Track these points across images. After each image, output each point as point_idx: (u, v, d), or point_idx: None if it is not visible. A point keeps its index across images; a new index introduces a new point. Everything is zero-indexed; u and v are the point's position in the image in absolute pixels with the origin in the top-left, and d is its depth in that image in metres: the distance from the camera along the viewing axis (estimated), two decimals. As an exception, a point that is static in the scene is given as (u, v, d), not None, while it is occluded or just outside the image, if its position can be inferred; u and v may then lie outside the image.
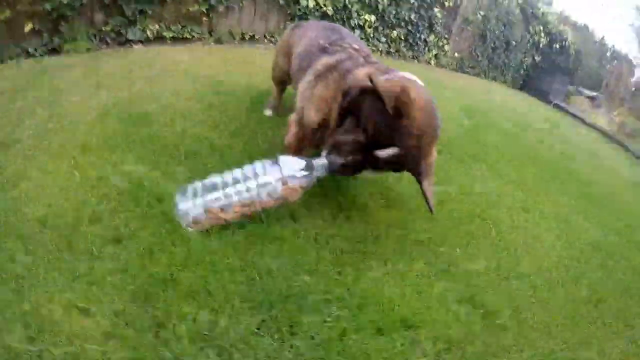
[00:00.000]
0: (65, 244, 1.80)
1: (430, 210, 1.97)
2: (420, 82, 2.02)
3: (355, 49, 2.42)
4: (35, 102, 3.33)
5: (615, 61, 16.21)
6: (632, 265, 2.79)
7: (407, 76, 2.02)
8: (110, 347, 1.41)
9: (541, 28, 12.59)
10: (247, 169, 1.96)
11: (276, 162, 1.94)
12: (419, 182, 1.93)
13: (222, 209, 1.91)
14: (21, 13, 4.90)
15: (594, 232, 3.07)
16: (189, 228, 1.92)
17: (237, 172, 1.96)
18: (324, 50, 2.44)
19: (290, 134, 2.36)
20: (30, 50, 5.00)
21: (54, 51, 5.15)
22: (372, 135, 1.88)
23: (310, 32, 2.77)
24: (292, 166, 1.93)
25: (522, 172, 3.72)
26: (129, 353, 1.41)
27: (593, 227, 3.15)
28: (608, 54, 16.70)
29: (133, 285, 1.64)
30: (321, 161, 1.96)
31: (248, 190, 1.89)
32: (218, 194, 1.90)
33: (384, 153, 1.86)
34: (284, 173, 1.90)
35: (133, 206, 2.06)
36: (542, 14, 12.55)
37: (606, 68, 16.21)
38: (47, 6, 4.95)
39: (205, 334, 1.51)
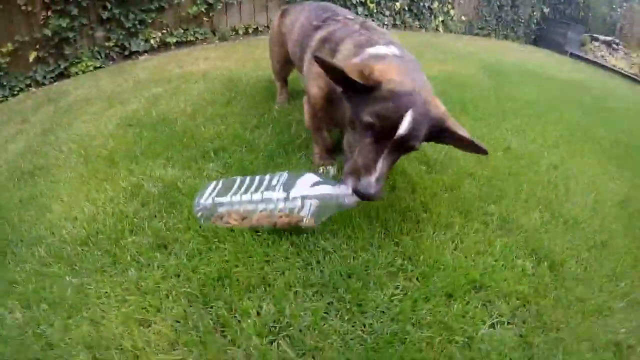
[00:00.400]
0: (111, 259, 1.74)
1: (484, 151, 1.76)
2: (394, 50, 1.88)
3: (348, 19, 2.33)
4: (53, 126, 3.32)
5: (625, 3, 15.83)
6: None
7: (378, 51, 1.87)
8: (178, 355, 1.34)
9: None
10: (270, 179, 1.85)
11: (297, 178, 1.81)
12: (453, 134, 1.74)
13: (231, 214, 1.84)
14: (24, 43, 4.90)
15: (622, 189, 2.82)
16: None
17: (259, 181, 1.87)
18: (317, 28, 2.33)
19: (306, 115, 2.29)
20: (39, 78, 5.02)
21: (62, 75, 5.16)
22: (380, 128, 1.62)
23: (302, 16, 2.65)
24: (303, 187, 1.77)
25: (545, 131, 3.52)
26: (198, 358, 1.34)
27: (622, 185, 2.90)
28: None
29: (188, 288, 1.57)
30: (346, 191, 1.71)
31: (266, 201, 1.78)
32: (232, 198, 1.83)
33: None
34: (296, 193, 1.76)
35: (171, 209, 1.99)
36: None
37: (618, 12, 15.86)
38: (47, 32, 4.95)
39: (272, 326, 1.43)
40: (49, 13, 5.02)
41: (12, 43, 4.86)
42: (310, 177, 1.78)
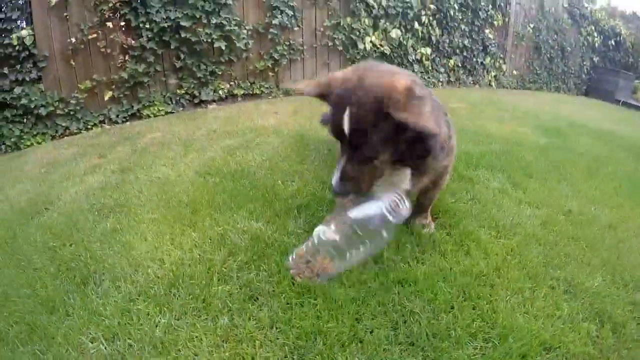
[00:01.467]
0: (201, 304, 1.75)
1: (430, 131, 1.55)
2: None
3: None
4: (131, 166, 3.43)
5: None
6: None
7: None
8: None
9: (593, 28, 12.47)
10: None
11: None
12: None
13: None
14: (100, 83, 5.17)
15: None
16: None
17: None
18: None
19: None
20: (112, 116, 5.24)
21: (134, 116, 5.37)
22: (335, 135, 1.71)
23: None
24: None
25: (601, 188, 3.55)
26: None
27: None
28: None
29: (284, 339, 1.58)
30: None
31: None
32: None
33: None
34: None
35: (259, 262, 2.01)
36: (591, 12, 12.41)
37: None
38: (124, 75, 5.21)
39: None
40: (127, 57, 5.32)
41: (90, 81, 5.13)
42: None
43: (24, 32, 4.67)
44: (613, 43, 13.34)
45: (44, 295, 1.87)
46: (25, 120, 4.79)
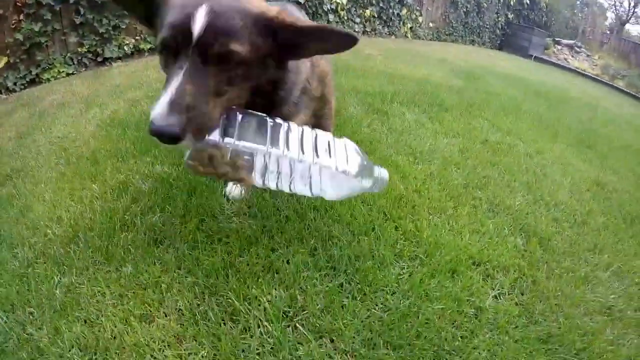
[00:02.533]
0: (103, 257, 1.61)
1: (352, 38, 1.21)
2: None
3: None
4: (29, 130, 3.17)
5: (586, 8, 16.42)
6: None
7: None
8: (188, 349, 1.24)
9: None
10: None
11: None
12: (292, 28, 1.23)
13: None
14: (-6, 48, 4.71)
15: (593, 172, 3.14)
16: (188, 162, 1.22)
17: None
18: None
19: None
20: (9, 84, 4.81)
21: (33, 82, 4.96)
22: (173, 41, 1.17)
23: None
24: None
25: (517, 124, 3.77)
26: (209, 350, 1.24)
27: (592, 168, 3.24)
28: (578, 2, 16.94)
29: (192, 279, 1.47)
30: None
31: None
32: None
33: None
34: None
35: (165, 204, 1.87)
36: None
37: (579, 16, 16.43)
38: (19, 36, 4.76)
39: (285, 312, 1.37)
40: (21, 17, 4.83)
41: (-19, 47, 4.67)
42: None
43: None
44: (528, 2, 13.78)
45: None
46: None
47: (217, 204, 1.86)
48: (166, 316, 1.35)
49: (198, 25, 1.12)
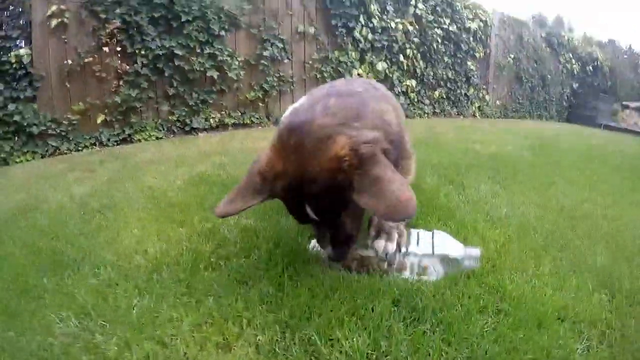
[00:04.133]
0: (185, 289, 1.60)
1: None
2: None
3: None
4: (121, 177, 3.31)
5: None
6: None
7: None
8: None
9: (570, 55, 12.75)
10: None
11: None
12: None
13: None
14: (94, 106, 5.06)
15: None
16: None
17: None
18: None
19: None
20: (104, 140, 5.11)
21: (125, 141, 5.24)
22: None
23: None
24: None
25: (595, 188, 3.56)
26: None
27: None
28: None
29: (274, 317, 1.42)
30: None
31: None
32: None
33: None
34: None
35: (249, 252, 1.87)
36: (568, 40, 12.71)
37: None
38: (117, 99, 5.11)
39: (369, 354, 1.28)
40: (121, 82, 5.24)
41: (83, 103, 5.02)
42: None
43: (22, 51, 4.60)
44: (591, 69, 13.63)
45: (20, 281, 1.73)
46: (16, 137, 4.64)
47: (302, 253, 1.84)
48: (245, 347, 1.29)
49: (312, 214, 1.45)
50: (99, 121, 5.12)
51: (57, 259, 1.89)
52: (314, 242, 1.85)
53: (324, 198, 1.38)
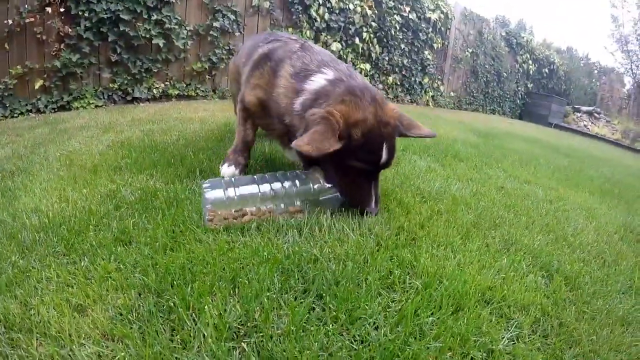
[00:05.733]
0: (65, 248, 1.52)
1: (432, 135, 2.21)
2: (329, 75, 1.98)
3: (291, 39, 2.36)
4: (44, 142, 3.18)
5: (604, 76, 16.57)
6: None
7: (316, 85, 1.95)
8: (108, 348, 1.08)
9: (528, 56, 13.12)
10: (282, 176, 1.89)
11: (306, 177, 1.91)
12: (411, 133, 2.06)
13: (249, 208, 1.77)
14: (32, 70, 4.82)
15: (620, 217, 2.88)
16: (208, 222, 1.69)
17: (274, 177, 1.87)
18: (260, 47, 2.37)
19: (238, 116, 2.39)
20: (41, 106, 4.90)
21: (63, 108, 5.04)
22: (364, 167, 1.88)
23: (249, 42, 2.87)
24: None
25: (536, 175, 3.62)
26: (134, 355, 1.06)
27: (618, 213, 2.98)
28: (595, 70, 17.13)
29: (142, 279, 1.34)
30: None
31: (283, 196, 1.82)
32: (255, 189, 1.78)
33: None
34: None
35: (143, 211, 1.80)
36: (527, 41, 13.04)
37: (597, 83, 16.57)
38: (57, 64, 4.89)
39: (236, 330, 1.16)
40: (62, 46, 5.00)
41: (22, 67, 4.78)
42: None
43: (-40, 7, 4.30)
44: (547, 71, 14.05)
45: None
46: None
47: (197, 219, 1.75)
48: (101, 311, 1.21)
49: (384, 157, 1.83)
50: (37, 86, 4.88)
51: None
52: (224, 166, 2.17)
53: (393, 138, 1.87)
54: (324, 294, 1.32)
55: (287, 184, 1.82)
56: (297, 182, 1.85)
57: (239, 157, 2.32)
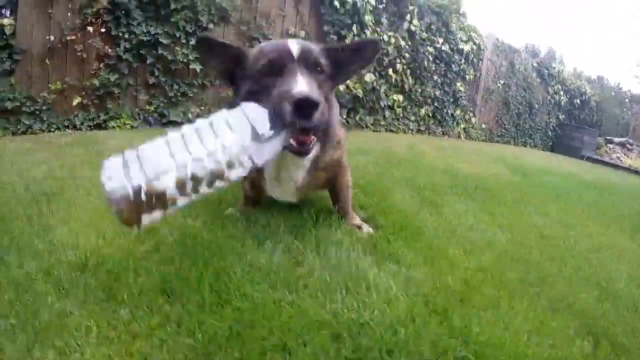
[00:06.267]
0: (105, 294, 1.46)
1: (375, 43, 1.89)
2: None
3: None
4: (81, 163, 3.15)
5: (635, 104, 16.19)
6: None
7: None
8: None
9: (560, 87, 12.81)
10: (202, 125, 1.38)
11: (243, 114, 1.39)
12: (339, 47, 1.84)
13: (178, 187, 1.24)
14: (72, 87, 4.87)
15: None
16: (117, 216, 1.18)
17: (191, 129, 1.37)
18: None
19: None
20: (77, 123, 4.92)
21: (99, 126, 5.06)
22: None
23: None
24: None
25: (576, 216, 3.54)
26: None
27: None
28: (627, 99, 16.74)
29: (189, 342, 1.27)
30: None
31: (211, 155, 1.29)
32: (168, 161, 1.26)
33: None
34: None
35: (183, 253, 1.74)
36: (558, 72, 12.74)
37: (629, 113, 16.18)
38: (96, 82, 4.93)
39: None
40: (101, 65, 5.05)
41: (61, 83, 4.83)
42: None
43: (5, 21, 4.40)
44: (579, 102, 13.79)
45: None
46: (-13, 110, 4.43)
47: (242, 268, 1.68)
48: None
49: (296, 48, 1.61)
50: (74, 103, 4.92)
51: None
52: None
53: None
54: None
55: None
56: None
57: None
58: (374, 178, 3.42)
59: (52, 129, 4.78)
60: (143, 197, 1.17)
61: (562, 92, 13.00)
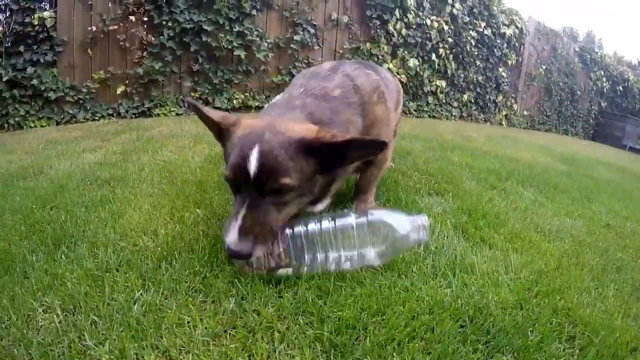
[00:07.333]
0: (200, 284, 1.27)
1: (382, 144, 1.38)
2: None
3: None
4: (135, 149, 3.00)
5: None
6: None
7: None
8: None
9: (602, 73, 12.27)
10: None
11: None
12: (337, 145, 1.34)
13: None
14: (115, 76, 4.79)
15: None
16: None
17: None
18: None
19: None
20: (122, 111, 4.83)
21: (143, 114, 4.95)
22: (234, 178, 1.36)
23: None
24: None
25: (634, 209, 3.28)
26: None
27: None
28: None
29: (314, 332, 1.08)
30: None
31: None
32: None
33: None
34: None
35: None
36: (601, 57, 12.24)
37: None
38: (140, 70, 4.82)
39: None
40: (144, 54, 4.96)
41: (104, 72, 4.75)
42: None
43: (46, 14, 4.35)
44: (621, 89, 13.21)
45: (6, 254, 1.41)
46: (32, 102, 4.39)
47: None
48: None
49: (253, 167, 1.26)
50: (118, 92, 4.85)
51: (52, 232, 1.58)
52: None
53: (274, 148, 1.33)
54: (506, 348, 1.16)
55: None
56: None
57: None
58: (438, 164, 3.21)
59: (96, 118, 4.71)
60: None
61: (604, 79, 12.49)
